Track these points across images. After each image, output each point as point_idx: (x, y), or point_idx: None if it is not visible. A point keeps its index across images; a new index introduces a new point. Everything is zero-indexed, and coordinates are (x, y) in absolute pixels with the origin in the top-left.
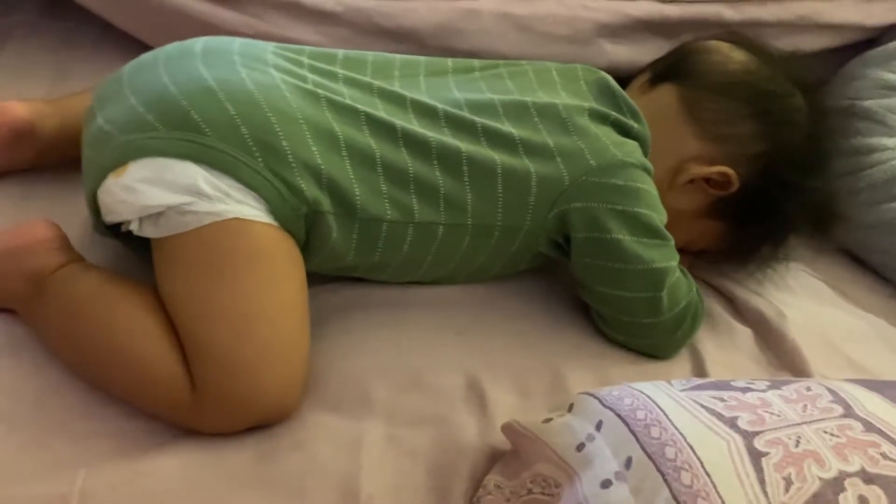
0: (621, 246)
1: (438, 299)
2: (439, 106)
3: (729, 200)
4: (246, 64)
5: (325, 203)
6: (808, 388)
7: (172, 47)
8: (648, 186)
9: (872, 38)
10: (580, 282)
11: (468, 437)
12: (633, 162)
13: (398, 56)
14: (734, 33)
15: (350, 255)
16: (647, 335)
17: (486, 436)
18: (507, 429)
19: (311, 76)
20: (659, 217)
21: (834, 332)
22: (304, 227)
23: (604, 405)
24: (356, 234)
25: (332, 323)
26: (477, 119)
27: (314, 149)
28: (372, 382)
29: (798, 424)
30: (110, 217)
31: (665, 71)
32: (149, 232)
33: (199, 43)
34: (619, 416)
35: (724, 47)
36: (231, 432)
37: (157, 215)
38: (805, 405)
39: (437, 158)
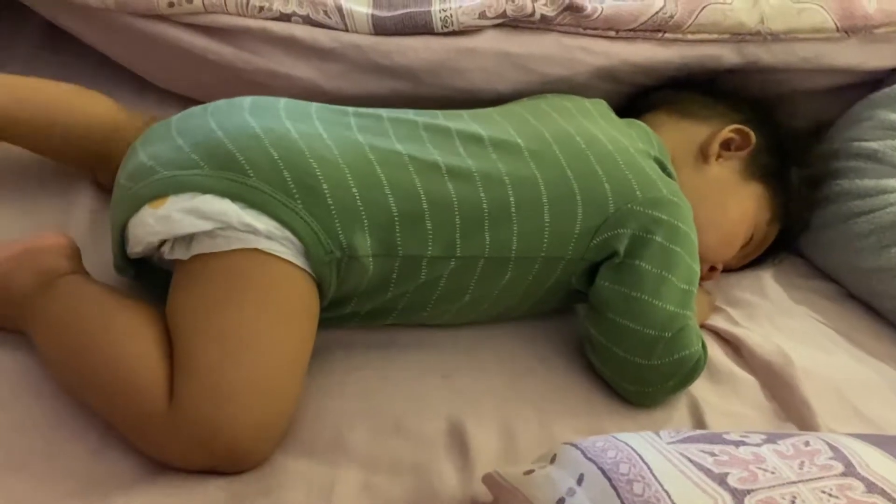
0: (647, 276)
1: (424, 341)
2: (485, 133)
3: (760, 158)
4: (291, 116)
5: (363, 247)
6: (807, 443)
7: (221, 101)
8: (689, 228)
9: (877, 80)
10: (592, 305)
11: (448, 486)
12: (678, 201)
13: (439, 111)
14: None
15: (388, 294)
16: (636, 379)
17: (467, 486)
18: (488, 480)
19: (354, 121)
20: (692, 261)
21: (844, 382)
22: (335, 273)
23: (586, 457)
24: (396, 273)
25: (311, 363)
26: (522, 143)
27: (355, 191)
28: (349, 426)
29: (794, 483)
30: (137, 248)
31: (642, 107)
32: (179, 254)
33: (247, 99)
34: (601, 469)
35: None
36: (194, 464)
37: (189, 239)
38: (802, 461)
39: (483, 188)
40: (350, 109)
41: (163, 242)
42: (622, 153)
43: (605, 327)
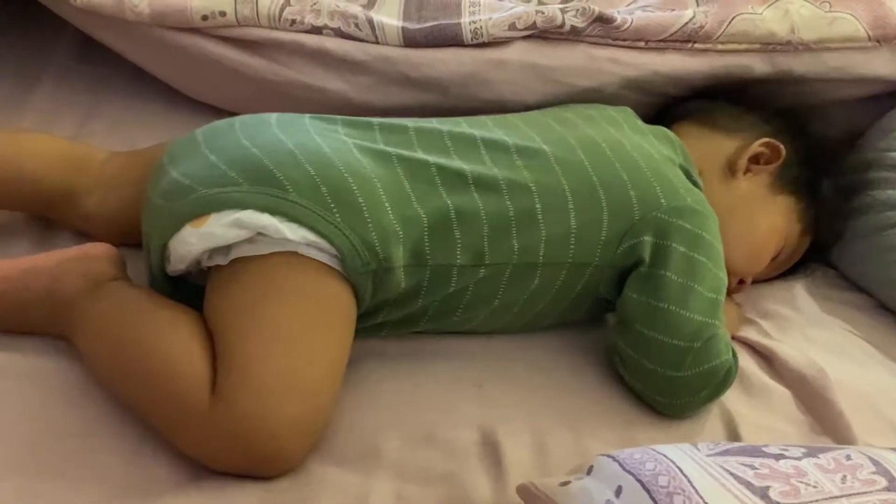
0: (672, 286)
1: (456, 350)
2: (510, 140)
3: (790, 170)
4: (319, 132)
5: (398, 258)
6: (848, 457)
7: (247, 117)
8: (713, 238)
9: None
10: (619, 318)
11: (481, 496)
12: (702, 210)
13: (462, 118)
14: None
15: (419, 302)
16: (667, 391)
17: (501, 496)
18: (523, 490)
19: (381, 136)
20: (717, 270)
21: (879, 395)
22: (370, 284)
23: (624, 469)
24: (426, 282)
25: (344, 373)
26: (548, 149)
27: (387, 205)
28: (382, 435)
29: (836, 497)
30: (179, 265)
31: (672, 117)
32: (218, 260)
33: (272, 115)
34: (639, 481)
35: None
36: (231, 462)
37: (228, 247)
38: (844, 476)
39: (508, 196)
40: (375, 122)
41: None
42: (647, 160)
43: (632, 339)
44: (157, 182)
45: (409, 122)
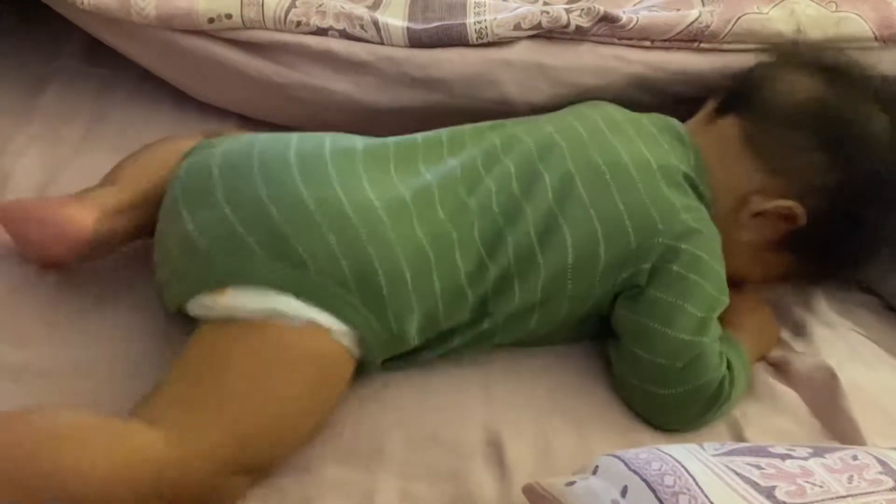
0: (660, 305)
1: (462, 353)
2: (516, 178)
3: (801, 233)
4: (341, 179)
5: (411, 329)
6: (855, 457)
7: (266, 145)
8: (711, 257)
9: None
10: (614, 334)
11: (485, 495)
12: (700, 228)
13: (467, 127)
14: (809, 51)
15: (423, 354)
16: (653, 408)
17: (505, 495)
18: (529, 490)
19: (400, 181)
20: (713, 290)
21: (889, 398)
22: (383, 354)
23: (630, 469)
24: (433, 339)
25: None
26: (549, 181)
27: (407, 275)
28: (388, 435)
29: (843, 497)
30: (188, 311)
31: (730, 101)
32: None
33: (292, 144)
34: (645, 481)
35: (791, 73)
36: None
37: None
38: (851, 476)
39: (513, 253)
40: (392, 161)
41: None
42: (645, 178)
43: (621, 356)
44: (170, 222)
45: (428, 173)
